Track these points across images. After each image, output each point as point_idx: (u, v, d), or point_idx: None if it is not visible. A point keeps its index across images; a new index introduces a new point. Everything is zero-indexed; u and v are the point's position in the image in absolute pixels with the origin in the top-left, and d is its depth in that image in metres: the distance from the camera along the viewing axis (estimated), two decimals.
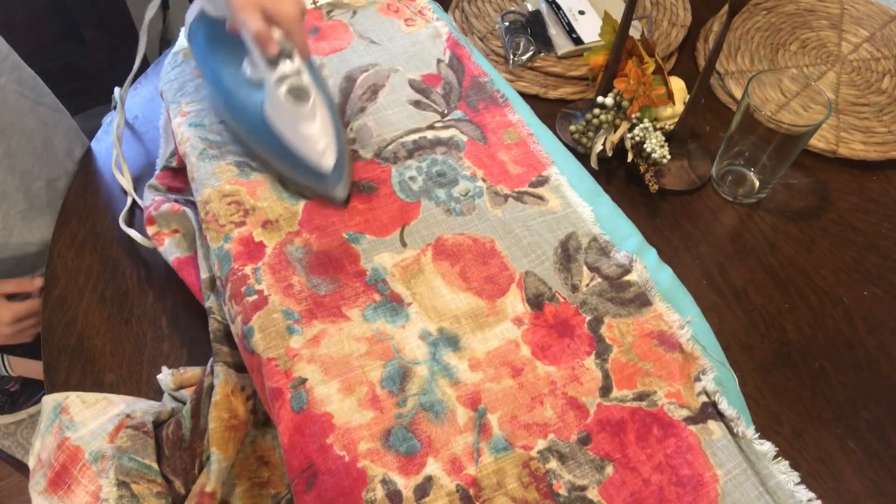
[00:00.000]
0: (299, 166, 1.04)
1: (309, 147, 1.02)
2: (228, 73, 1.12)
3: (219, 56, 1.14)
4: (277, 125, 1.04)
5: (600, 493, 0.82)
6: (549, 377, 0.90)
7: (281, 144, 1.04)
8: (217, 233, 1.02)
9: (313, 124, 1.02)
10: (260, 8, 0.94)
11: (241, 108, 1.10)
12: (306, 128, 1.02)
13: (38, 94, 1.36)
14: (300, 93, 1.00)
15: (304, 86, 1.00)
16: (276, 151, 1.06)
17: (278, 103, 1.01)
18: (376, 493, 0.80)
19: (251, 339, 0.92)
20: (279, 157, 1.07)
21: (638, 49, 1.23)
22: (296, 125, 1.02)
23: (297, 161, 1.03)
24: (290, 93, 0.99)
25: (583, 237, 1.03)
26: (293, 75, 1.00)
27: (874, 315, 1.12)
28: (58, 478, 0.95)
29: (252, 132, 1.09)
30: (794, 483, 0.84)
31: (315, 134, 1.02)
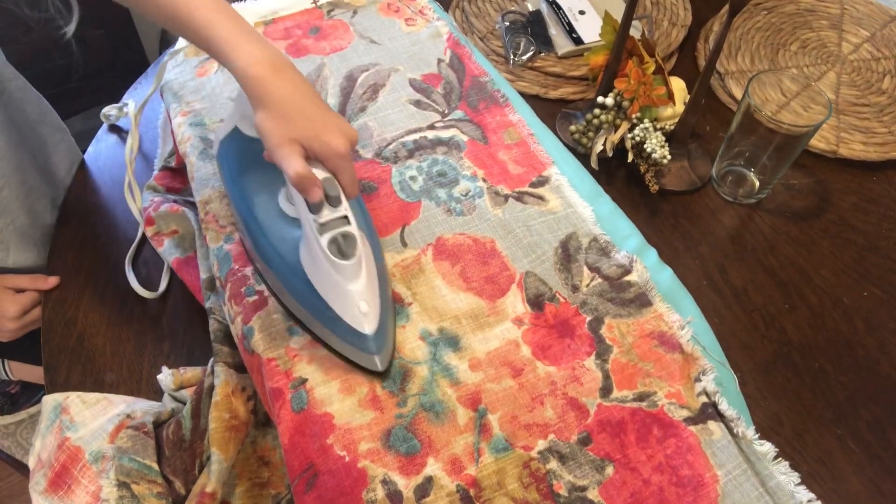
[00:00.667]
0: (335, 324, 0.89)
1: (349, 307, 0.87)
2: (261, 202, 0.98)
3: (251, 181, 1.00)
4: (315, 275, 0.89)
5: (600, 494, 0.82)
6: (549, 377, 0.90)
7: (316, 296, 0.89)
8: (217, 233, 1.02)
9: (357, 282, 0.87)
10: (300, 145, 0.84)
11: (272, 244, 0.95)
12: (348, 285, 0.87)
13: (40, 113, 1.36)
14: (345, 246, 0.86)
15: (351, 237, 0.87)
16: (309, 302, 0.91)
17: (317, 252, 0.87)
18: (377, 494, 0.80)
19: (251, 340, 0.92)
20: (312, 310, 0.91)
21: (638, 49, 1.23)
22: (336, 280, 0.87)
23: (334, 318, 0.88)
24: (332, 245, 0.86)
25: (583, 237, 1.03)
26: (338, 225, 0.86)
27: (874, 315, 1.12)
28: (58, 478, 0.95)
29: (283, 274, 0.93)
30: (794, 484, 0.84)
31: (357, 292, 0.87)
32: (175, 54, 1.29)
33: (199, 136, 1.13)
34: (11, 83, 1.28)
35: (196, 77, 1.23)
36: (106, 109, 1.42)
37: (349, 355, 0.89)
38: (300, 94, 0.85)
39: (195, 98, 1.20)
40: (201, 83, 1.22)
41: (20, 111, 1.29)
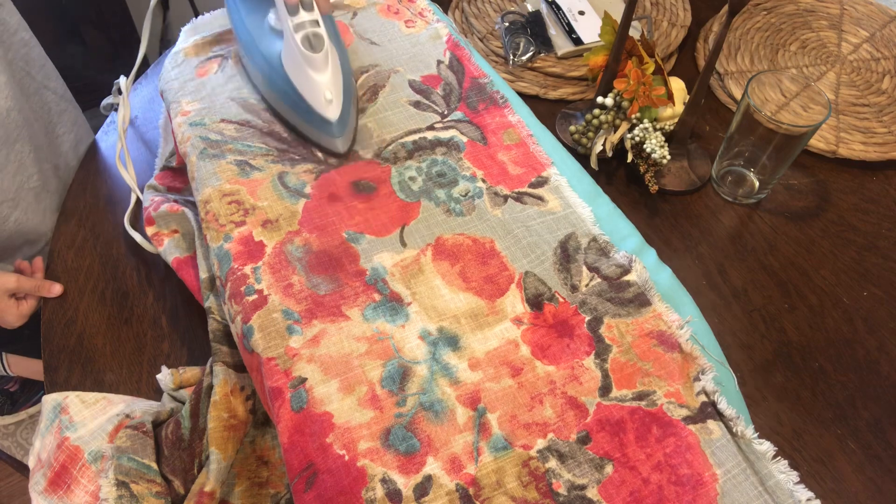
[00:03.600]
0: (307, 114, 1.10)
1: (317, 95, 1.08)
2: (254, 22, 1.18)
3: (249, 6, 1.20)
4: (291, 71, 1.10)
5: (600, 493, 0.82)
6: (548, 377, 0.90)
7: (293, 90, 1.10)
8: (217, 232, 1.02)
9: (324, 74, 1.08)
10: None
11: (261, 54, 1.15)
12: (316, 76, 1.08)
13: (45, 76, 1.36)
14: (314, 41, 1.06)
15: (319, 35, 1.06)
16: (287, 98, 1.12)
17: (293, 50, 1.07)
18: (376, 493, 0.80)
19: (251, 339, 0.92)
20: (289, 105, 1.12)
21: (638, 49, 1.23)
22: (307, 72, 1.07)
23: (306, 109, 1.10)
24: (304, 40, 1.06)
25: (582, 237, 1.03)
26: (310, 24, 1.06)
27: (874, 315, 1.12)
28: (57, 477, 0.95)
29: (268, 78, 1.14)
30: (793, 483, 0.84)
31: (324, 83, 1.08)
32: (175, 54, 1.29)
33: (200, 135, 1.13)
34: (16, 36, 1.28)
35: (196, 77, 1.23)
36: (104, 102, 1.42)
37: (316, 139, 1.13)
38: None
39: (195, 98, 1.20)
40: (201, 83, 1.22)
41: (24, 67, 1.29)
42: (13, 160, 1.24)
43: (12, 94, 1.22)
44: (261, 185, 1.08)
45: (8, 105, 1.21)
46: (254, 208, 1.05)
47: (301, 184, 1.09)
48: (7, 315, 1.18)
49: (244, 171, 1.09)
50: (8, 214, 1.24)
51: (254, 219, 1.04)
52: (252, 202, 1.06)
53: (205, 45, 1.30)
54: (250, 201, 1.06)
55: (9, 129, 1.22)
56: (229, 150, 1.12)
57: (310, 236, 1.02)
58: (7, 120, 1.22)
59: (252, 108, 1.18)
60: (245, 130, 1.15)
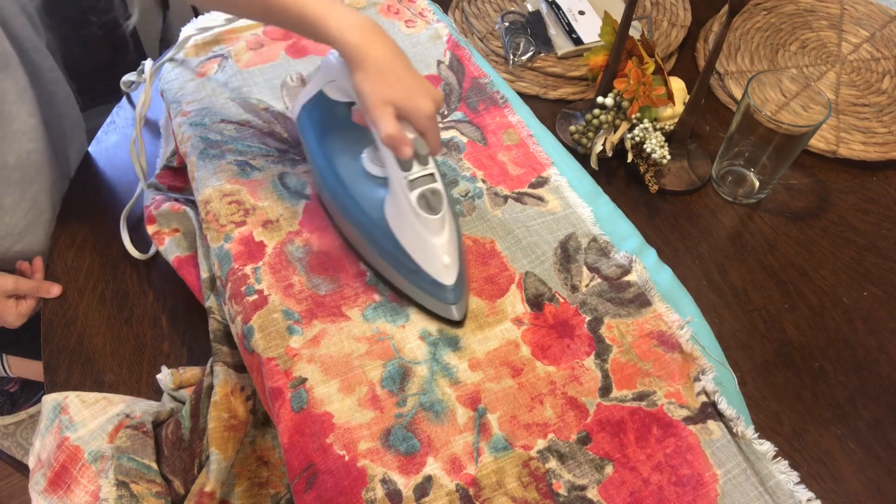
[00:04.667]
0: (417, 277, 0.95)
1: (432, 259, 0.94)
2: (345, 163, 1.04)
3: (334, 143, 1.06)
4: (400, 230, 0.95)
5: (600, 493, 0.82)
6: (548, 377, 0.90)
7: (400, 249, 0.95)
8: (217, 232, 1.02)
9: (441, 236, 0.94)
10: (394, 106, 0.89)
11: (356, 202, 1.00)
12: (433, 239, 0.93)
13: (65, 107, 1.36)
14: (433, 201, 0.92)
15: (438, 193, 0.93)
16: (392, 256, 0.97)
17: (405, 208, 0.93)
18: (376, 493, 0.80)
19: (251, 339, 0.92)
20: (394, 263, 0.97)
21: (638, 49, 1.23)
22: (421, 234, 0.93)
23: (415, 270, 0.95)
24: (421, 200, 0.92)
25: (582, 237, 1.03)
26: (426, 181, 0.93)
27: (874, 315, 1.12)
28: (57, 477, 0.95)
29: (365, 230, 0.99)
30: (793, 483, 0.84)
31: (441, 246, 0.94)
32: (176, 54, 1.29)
33: (200, 135, 1.13)
34: (48, 75, 1.29)
35: (196, 77, 1.24)
36: (125, 78, 1.42)
37: (429, 305, 0.96)
38: (393, 57, 0.91)
39: (195, 98, 1.20)
40: (201, 84, 1.22)
41: (50, 103, 1.29)
42: (28, 198, 1.24)
43: (38, 136, 1.23)
44: (261, 185, 1.08)
45: (30, 147, 1.22)
46: (254, 208, 1.05)
47: (302, 184, 1.09)
48: (7, 315, 1.18)
49: (244, 172, 1.09)
50: (11, 246, 1.24)
51: (254, 219, 1.04)
52: (252, 202, 1.05)
53: (205, 45, 1.30)
54: (251, 201, 1.06)
55: (27, 169, 1.22)
56: (229, 150, 1.12)
57: (310, 237, 1.02)
58: (27, 161, 1.22)
59: (252, 108, 1.18)
60: (245, 130, 1.15)
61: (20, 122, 1.18)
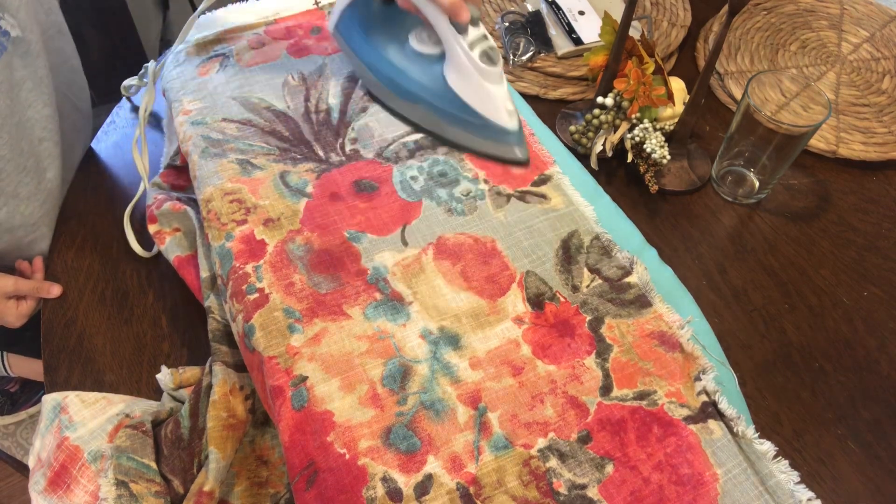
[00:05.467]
0: (484, 129, 1.09)
1: (497, 107, 1.07)
2: (393, 51, 1.16)
3: (378, 37, 1.18)
4: (463, 90, 1.08)
5: (600, 492, 0.82)
6: (549, 376, 0.90)
7: (466, 109, 1.09)
8: (219, 231, 1.02)
9: (502, 86, 1.08)
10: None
11: (416, 82, 1.13)
12: (496, 89, 1.07)
13: (79, 99, 1.36)
14: (492, 54, 1.06)
15: (494, 47, 1.06)
16: (458, 118, 1.10)
17: (466, 68, 1.06)
18: (377, 491, 0.80)
19: (252, 338, 0.92)
20: (461, 124, 1.10)
21: (638, 49, 1.23)
22: (485, 87, 1.06)
23: (483, 124, 1.09)
24: (483, 55, 1.05)
25: (585, 235, 1.03)
26: (483, 39, 1.06)
27: (874, 315, 1.12)
28: (57, 477, 0.95)
29: (430, 104, 1.12)
30: (793, 483, 0.84)
31: (503, 94, 1.08)
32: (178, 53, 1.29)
33: (201, 134, 1.14)
34: (68, 63, 1.29)
35: (197, 76, 1.24)
36: (125, 82, 1.42)
37: (495, 151, 1.11)
38: None
39: (196, 97, 1.20)
40: (202, 82, 1.22)
41: (67, 94, 1.29)
42: (43, 189, 1.24)
43: (51, 126, 1.23)
44: (262, 183, 1.08)
45: (43, 135, 1.21)
46: (255, 207, 1.05)
47: (303, 183, 1.09)
48: (7, 316, 1.18)
49: (246, 170, 1.09)
50: (24, 237, 1.24)
51: (255, 217, 1.04)
52: (254, 201, 1.06)
53: (206, 45, 1.30)
54: (252, 200, 1.06)
55: (40, 159, 1.22)
56: (231, 148, 1.12)
57: (311, 235, 1.02)
58: (40, 150, 1.22)
59: (253, 107, 1.18)
60: (246, 129, 1.15)
61: (35, 111, 1.18)
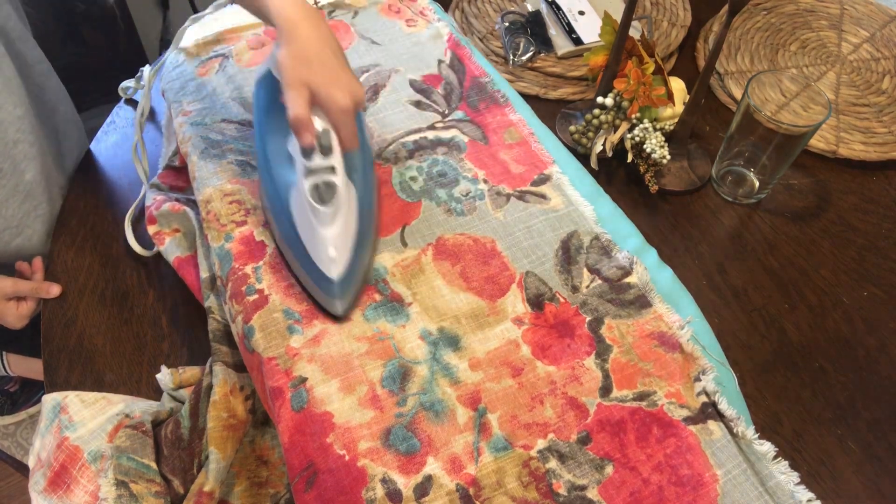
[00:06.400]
0: (307, 265, 0.96)
1: (319, 250, 0.94)
2: (275, 143, 1.04)
3: (272, 122, 1.06)
4: (298, 216, 0.97)
5: (600, 493, 0.82)
6: (549, 377, 0.90)
7: (296, 236, 0.97)
8: (218, 232, 1.02)
9: (329, 229, 0.94)
10: (308, 90, 0.89)
11: (274, 182, 1.01)
12: (322, 230, 0.93)
13: (57, 100, 1.36)
14: (325, 192, 0.93)
15: (332, 185, 0.93)
16: (291, 240, 0.98)
17: (302, 194, 0.94)
18: (376, 492, 0.80)
19: (251, 339, 0.92)
20: (291, 246, 0.98)
21: (638, 49, 1.23)
22: (313, 223, 0.94)
23: (306, 259, 0.96)
24: (313, 190, 0.93)
25: (584, 235, 1.03)
26: (324, 172, 0.93)
27: (874, 315, 1.12)
28: (57, 477, 0.95)
29: (276, 211, 1.01)
30: (793, 483, 0.84)
31: (329, 239, 0.94)
32: (177, 54, 1.29)
33: (201, 135, 1.14)
34: (37, 66, 1.28)
35: (197, 77, 1.24)
36: (123, 84, 1.42)
37: (315, 295, 0.96)
38: (323, 43, 0.91)
39: (196, 98, 1.20)
40: (202, 83, 1.22)
41: (40, 96, 1.29)
42: (21, 190, 1.23)
43: (25, 127, 1.22)
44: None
45: (17, 137, 1.21)
46: (255, 208, 1.05)
47: None
48: (8, 317, 1.18)
49: (245, 171, 1.09)
50: (9, 241, 1.24)
51: (255, 219, 1.04)
52: (253, 202, 1.06)
53: (206, 45, 1.30)
54: (251, 201, 1.06)
55: (17, 161, 1.22)
56: (230, 149, 1.12)
57: None
58: (15, 152, 1.21)
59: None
60: (246, 130, 1.15)
61: (6, 112, 1.18)
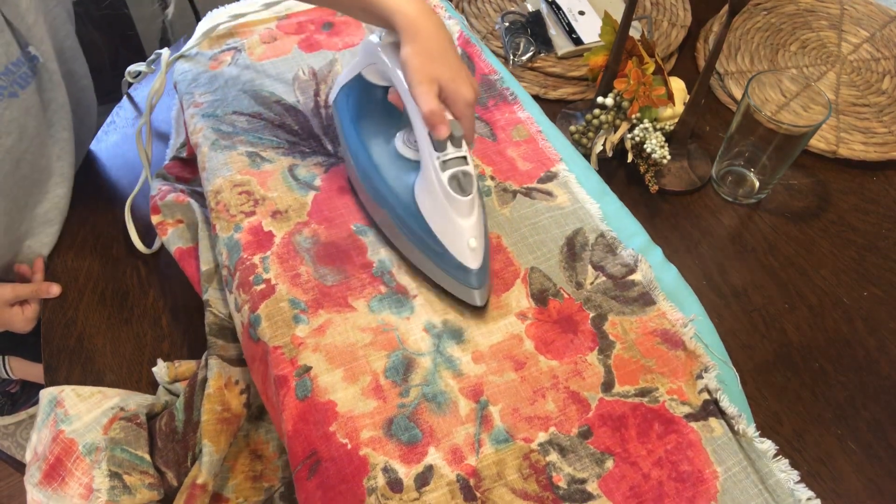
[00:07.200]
0: (442, 259, 0.95)
1: (459, 241, 0.93)
2: (378, 146, 1.05)
3: (368, 126, 1.07)
4: (428, 211, 0.96)
5: (600, 487, 0.82)
6: (551, 371, 0.90)
7: (427, 232, 0.96)
8: (227, 222, 1.03)
9: (469, 219, 0.93)
10: (438, 85, 0.90)
11: (388, 185, 1.01)
12: (462, 221, 0.93)
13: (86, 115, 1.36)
14: (464, 182, 0.92)
15: (470, 175, 0.93)
16: (418, 237, 0.97)
17: (435, 189, 0.93)
18: (377, 481, 0.80)
19: (258, 328, 0.92)
20: (420, 245, 0.97)
21: (638, 49, 1.23)
22: (450, 216, 0.93)
23: (441, 253, 0.95)
24: (453, 180, 0.92)
25: (590, 233, 1.03)
26: (458, 163, 0.93)
27: (874, 315, 1.12)
28: (52, 470, 0.95)
29: (395, 213, 0.99)
30: (793, 482, 0.84)
31: (469, 229, 0.93)
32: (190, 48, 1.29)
33: (212, 126, 1.14)
34: (80, 83, 1.29)
35: (209, 70, 1.24)
36: (131, 67, 1.42)
37: (451, 289, 0.96)
38: (444, 38, 0.93)
39: (208, 90, 1.21)
40: (214, 76, 1.23)
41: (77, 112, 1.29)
42: (50, 199, 1.24)
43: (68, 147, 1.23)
44: (271, 176, 1.08)
45: (60, 154, 1.23)
46: (264, 199, 1.05)
47: (311, 176, 1.09)
48: (15, 323, 1.18)
49: (255, 163, 1.10)
50: (24, 239, 1.24)
51: (263, 209, 1.04)
52: (262, 193, 1.06)
53: (218, 38, 1.30)
54: (260, 192, 1.06)
55: (52, 173, 1.23)
56: (241, 141, 1.12)
57: (318, 227, 1.03)
58: (56, 166, 1.23)
59: (264, 100, 1.19)
60: (257, 122, 1.15)
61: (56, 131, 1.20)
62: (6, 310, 1.17)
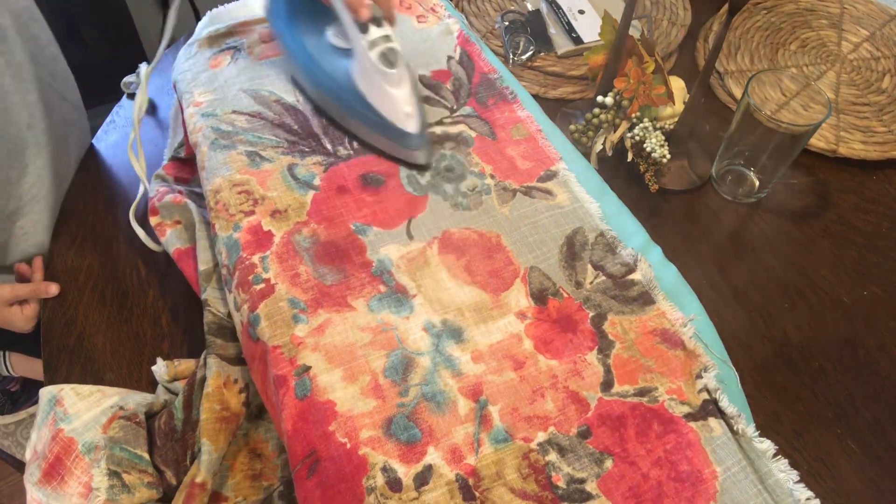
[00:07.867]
0: (385, 129, 1.08)
1: (396, 110, 1.06)
2: (312, 43, 1.16)
3: (301, 27, 1.18)
4: (365, 89, 1.08)
5: (599, 487, 0.82)
6: (550, 371, 0.90)
7: (368, 108, 1.08)
8: (227, 222, 1.03)
9: (401, 88, 1.06)
10: None
11: (327, 74, 1.13)
12: (394, 91, 1.06)
13: (65, 88, 1.36)
14: (391, 57, 1.04)
15: (395, 50, 1.05)
16: (361, 115, 1.10)
17: (368, 67, 1.06)
18: (377, 481, 0.80)
19: (257, 327, 0.92)
20: (365, 121, 1.10)
21: (638, 48, 1.23)
22: (384, 88, 1.06)
23: (383, 124, 1.08)
24: (381, 57, 1.04)
25: (590, 232, 1.03)
26: (384, 40, 1.04)
27: (874, 315, 1.12)
28: (51, 469, 0.95)
29: (337, 97, 1.12)
30: (792, 482, 0.83)
31: (402, 97, 1.06)
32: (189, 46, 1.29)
33: (211, 126, 1.14)
34: (46, 51, 1.29)
35: (209, 69, 1.24)
36: (125, 79, 1.42)
37: (396, 153, 1.11)
38: None
39: (207, 89, 1.20)
40: (213, 75, 1.23)
41: (51, 84, 1.29)
42: (31, 172, 1.24)
43: (37, 112, 1.23)
44: (270, 175, 1.08)
45: (30, 122, 1.22)
46: (263, 198, 1.05)
47: (310, 175, 1.09)
48: (15, 322, 1.19)
49: (254, 162, 1.09)
50: (15, 219, 1.24)
51: (263, 209, 1.04)
52: (262, 192, 1.06)
53: (218, 37, 1.30)
54: (260, 191, 1.06)
55: (28, 144, 1.23)
56: (240, 140, 1.12)
57: (317, 227, 1.02)
58: (27, 134, 1.22)
59: (263, 99, 1.19)
60: (256, 122, 1.15)
61: (19, 96, 1.19)
62: (6, 309, 1.18)
